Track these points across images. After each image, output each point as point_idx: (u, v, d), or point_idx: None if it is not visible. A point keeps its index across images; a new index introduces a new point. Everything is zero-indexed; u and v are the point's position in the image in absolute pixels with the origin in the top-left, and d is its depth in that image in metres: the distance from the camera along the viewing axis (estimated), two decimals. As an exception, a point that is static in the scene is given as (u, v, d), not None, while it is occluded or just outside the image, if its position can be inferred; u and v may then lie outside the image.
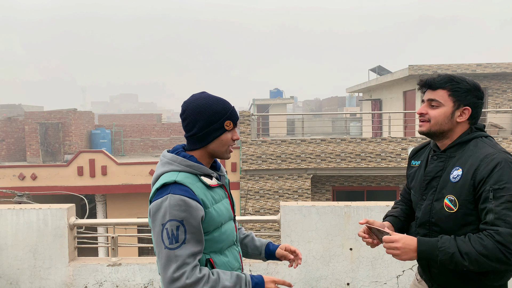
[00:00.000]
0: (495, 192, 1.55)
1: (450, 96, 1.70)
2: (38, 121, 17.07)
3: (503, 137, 11.97)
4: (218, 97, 1.61)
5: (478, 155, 1.64)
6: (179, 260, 1.41)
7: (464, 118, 1.71)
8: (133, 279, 3.51)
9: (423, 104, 1.78)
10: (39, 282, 3.50)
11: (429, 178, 1.76)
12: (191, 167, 1.53)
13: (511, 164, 1.58)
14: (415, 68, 13.59)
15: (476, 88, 1.72)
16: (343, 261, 3.43)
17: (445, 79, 1.71)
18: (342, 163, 12.12)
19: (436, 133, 1.74)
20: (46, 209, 3.48)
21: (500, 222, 1.52)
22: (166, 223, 1.42)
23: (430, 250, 1.59)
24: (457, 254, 1.55)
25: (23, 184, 12.40)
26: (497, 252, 1.50)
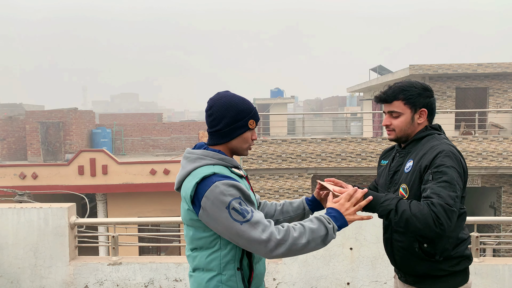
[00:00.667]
0: (434, 175, 1.72)
1: (405, 105, 1.89)
2: (39, 120, 17.08)
3: (503, 137, 11.96)
4: (243, 97, 1.69)
5: (425, 147, 1.84)
6: (261, 224, 1.49)
7: (423, 118, 1.91)
8: (134, 278, 3.52)
9: (385, 115, 1.96)
10: (40, 281, 3.50)
11: (391, 173, 1.97)
12: (223, 160, 1.62)
13: (452, 154, 1.75)
14: (416, 67, 13.58)
15: (425, 89, 1.90)
16: (343, 260, 3.43)
17: (396, 91, 1.89)
18: (342, 163, 12.12)
19: (403, 138, 1.94)
20: (47, 208, 3.48)
21: (434, 195, 1.67)
22: (229, 205, 1.48)
23: (373, 206, 1.74)
24: (393, 211, 1.70)
25: (24, 183, 12.42)
26: (429, 218, 1.62)
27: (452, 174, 1.69)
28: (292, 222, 1.89)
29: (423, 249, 1.80)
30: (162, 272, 3.51)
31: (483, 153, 11.86)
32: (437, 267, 1.80)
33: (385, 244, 2.00)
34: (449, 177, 1.69)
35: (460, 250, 1.82)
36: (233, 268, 1.57)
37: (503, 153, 11.83)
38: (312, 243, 1.52)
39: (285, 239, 1.48)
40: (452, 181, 1.68)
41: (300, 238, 1.51)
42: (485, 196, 14.15)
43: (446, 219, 1.62)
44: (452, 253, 1.80)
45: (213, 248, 1.58)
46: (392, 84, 1.95)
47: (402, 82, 1.92)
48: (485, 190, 13.82)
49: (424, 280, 1.85)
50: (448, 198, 1.64)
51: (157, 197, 12.94)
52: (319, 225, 1.55)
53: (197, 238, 1.60)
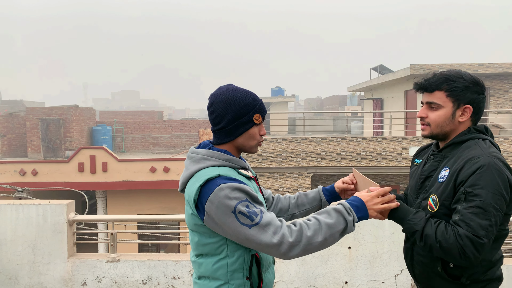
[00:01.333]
0: (468, 195, 1.50)
1: (448, 97, 1.63)
2: (39, 117, 17.09)
3: (504, 137, 11.95)
4: (246, 90, 1.56)
5: (464, 156, 1.58)
6: (271, 226, 1.38)
7: (466, 117, 1.65)
8: (132, 276, 3.52)
9: (422, 106, 1.72)
10: (38, 277, 3.50)
11: (423, 177, 1.74)
12: (229, 161, 1.50)
13: (495, 169, 1.51)
14: (417, 67, 13.57)
15: (474, 83, 1.64)
16: (342, 259, 3.43)
17: (440, 80, 1.64)
18: (342, 162, 12.12)
19: (439, 135, 1.69)
20: (45, 204, 3.48)
21: (463, 224, 1.48)
22: (235, 209, 1.38)
23: (400, 218, 1.59)
24: (418, 233, 1.55)
25: (24, 180, 12.43)
26: (454, 250, 1.47)
27: (488, 197, 1.46)
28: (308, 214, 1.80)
29: (447, 270, 1.61)
30: (160, 270, 3.51)
31: (483, 153, 11.85)
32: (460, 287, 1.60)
33: (404, 254, 1.83)
34: (483, 201, 1.46)
35: (491, 273, 1.61)
36: (241, 277, 1.47)
37: (503, 153, 11.83)
38: (329, 240, 1.41)
39: (298, 240, 1.37)
40: (486, 207, 1.45)
41: (315, 236, 1.39)
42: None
43: (474, 252, 1.45)
44: (482, 277, 1.59)
45: (220, 255, 1.47)
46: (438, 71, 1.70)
47: (450, 71, 1.65)
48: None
49: None
50: (479, 228, 1.44)
51: (157, 195, 12.95)
52: (337, 218, 1.43)
53: (202, 244, 1.49)
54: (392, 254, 3.40)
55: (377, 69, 18.87)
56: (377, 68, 18.95)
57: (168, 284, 3.50)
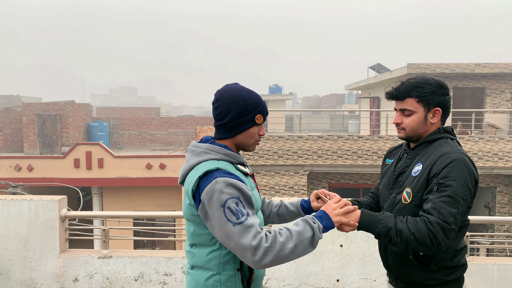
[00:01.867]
0: (440, 186, 1.63)
1: (419, 103, 1.76)
2: (35, 113, 17.03)
3: (499, 137, 11.99)
4: (251, 90, 1.63)
5: (437, 152, 1.72)
6: (253, 229, 1.43)
7: (437, 118, 1.79)
8: (124, 272, 3.52)
9: (396, 113, 1.84)
10: (30, 273, 3.50)
11: (396, 174, 1.87)
12: (229, 155, 1.56)
13: (464, 165, 1.65)
14: (414, 66, 13.58)
15: (440, 86, 1.78)
16: (333, 257, 3.44)
17: (409, 87, 1.77)
18: (338, 160, 12.14)
19: (413, 137, 1.83)
20: (37, 200, 3.47)
21: (434, 212, 1.60)
22: (225, 203, 1.43)
23: (371, 222, 1.67)
24: (393, 230, 1.63)
25: (19, 176, 12.39)
26: (427, 238, 1.58)
27: (458, 188, 1.61)
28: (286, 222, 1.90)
29: (418, 258, 1.73)
30: (152, 266, 3.51)
31: (478, 153, 11.89)
32: (431, 276, 1.73)
33: (379, 246, 1.94)
34: (454, 191, 1.60)
35: (457, 260, 1.75)
36: (232, 268, 1.52)
37: (499, 153, 11.87)
38: (300, 246, 1.47)
39: (273, 245, 1.43)
40: (456, 197, 1.60)
41: (287, 243, 1.45)
42: (480, 196, 14.19)
43: (444, 237, 1.58)
44: (448, 264, 1.73)
45: (213, 246, 1.53)
46: (405, 79, 1.83)
47: (416, 78, 1.79)
48: (480, 190, 13.86)
49: (416, 287, 1.78)
50: (449, 215, 1.58)
51: (152, 192, 12.94)
52: (304, 226, 1.50)
53: (197, 234, 1.55)
54: (384, 253, 3.41)
55: (375, 68, 18.88)
56: (374, 67, 18.96)
57: (160, 281, 3.50)
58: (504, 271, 3.33)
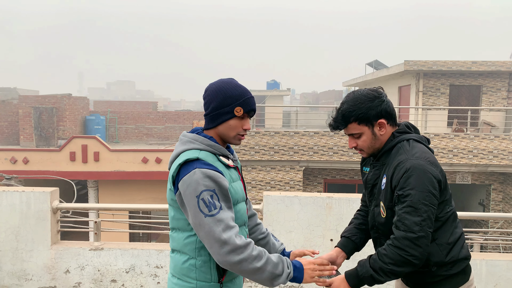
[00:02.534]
0: (400, 197, 1.66)
1: (360, 124, 1.77)
2: (32, 105, 16.97)
3: (494, 135, 12.04)
4: (239, 84, 1.65)
5: (394, 162, 1.74)
6: (223, 223, 1.47)
7: (385, 128, 1.80)
8: (115, 264, 3.53)
9: (349, 137, 1.86)
10: (21, 264, 3.51)
11: (370, 186, 1.89)
12: (211, 146, 1.60)
13: (419, 170, 1.65)
14: (411, 63, 13.59)
15: (371, 99, 1.76)
16: (324, 251, 3.45)
17: (345, 115, 1.77)
18: (334, 156, 12.17)
19: (375, 152, 1.85)
20: (29, 192, 3.48)
21: (399, 224, 1.64)
22: (200, 194, 1.47)
23: (358, 281, 1.72)
24: (374, 274, 1.67)
25: (15, 168, 12.38)
26: (398, 257, 1.62)
27: (416, 196, 1.62)
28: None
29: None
30: (143, 259, 3.52)
31: (474, 150, 11.94)
32: (433, 274, 1.74)
33: (374, 243, 1.96)
34: (412, 200, 1.62)
35: (455, 254, 1.74)
36: (207, 254, 1.55)
37: (494, 151, 11.92)
38: (264, 273, 1.49)
39: (243, 249, 1.46)
40: (415, 205, 1.62)
41: (256, 260, 1.48)
42: (474, 193, 14.27)
43: (415, 248, 1.60)
44: (446, 259, 1.73)
45: (190, 231, 1.57)
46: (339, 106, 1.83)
47: (348, 102, 1.78)
48: (474, 187, 13.93)
49: (424, 286, 1.80)
50: (413, 225, 1.60)
51: (148, 185, 12.95)
52: (279, 262, 1.53)
53: (176, 218, 1.61)
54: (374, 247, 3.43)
55: (372, 65, 18.88)
56: (372, 64, 18.96)
57: (151, 273, 3.52)
58: (492, 266, 3.36)
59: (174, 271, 1.63)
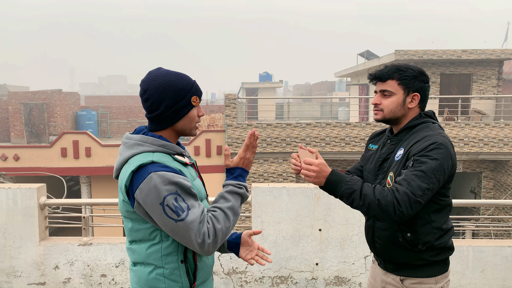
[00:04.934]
0: (415, 162, 1.66)
1: (399, 85, 1.80)
2: (22, 102, 16.80)
3: (485, 123, 12.12)
4: (179, 72, 1.53)
5: (418, 136, 1.77)
6: (195, 226, 1.39)
7: (415, 103, 1.83)
8: (104, 259, 3.53)
9: (376, 94, 1.87)
10: (10, 261, 3.50)
11: (381, 160, 1.88)
12: (164, 146, 1.47)
13: (444, 146, 1.68)
14: (401, 53, 13.61)
15: (421, 73, 1.83)
16: (312, 241, 3.48)
17: (392, 70, 1.81)
18: (326, 147, 12.20)
19: (391, 120, 1.85)
20: (15, 188, 3.45)
21: (404, 183, 1.63)
22: (163, 201, 1.36)
23: (338, 181, 1.68)
24: (357, 192, 1.66)
25: (6, 165, 12.28)
26: (390, 205, 1.60)
27: (433, 165, 1.63)
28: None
29: (406, 239, 1.76)
30: (133, 253, 3.52)
31: (464, 138, 12.03)
32: (418, 256, 1.77)
33: (366, 231, 1.96)
34: (428, 167, 1.63)
35: (444, 241, 1.79)
36: (176, 261, 1.46)
37: (484, 139, 12.01)
38: (235, 217, 1.49)
39: (214, 236, 1.42)
40: (428, 173, 1.62)
41: (225, 224, 1.45)
42: (466, 181, 14.40)
43: (408, 207, 1.60)
44: (436, 244, 1.76)
45: (153, 240, 1.46)
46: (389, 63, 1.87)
47: (400, 63, 1.84)
48: (466, 175, 14.06)
49: (403, 268, 1.83)
50: (417, 188, 1.60)
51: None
52: (232, 197, 1.51)
53: (135, 230, 1.48)
54: (362, 236, 3.45)
55: (364, 55, 18.88)
56: (363, 54, 18.96)
57: (141, 267, 3.52)
58: (479, 252, 3.40)
59: (139, 285, 1.50)
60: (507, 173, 12.71)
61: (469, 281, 3.40)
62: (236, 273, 3.52)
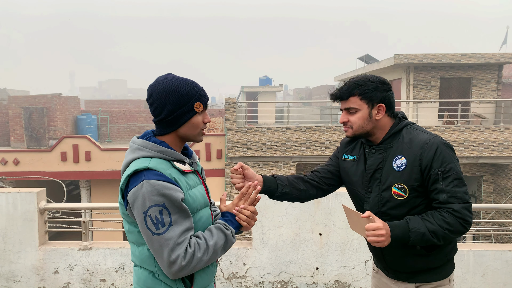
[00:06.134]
0: (443, 174, 1.69)
1: (362, 100, 1.79)
2: (22, 106, 16.81)
3: (485, 127, 12.13)
4: (185, 78, 1.54)
5: (417, 142, 1.75)
6: (171, 243, 1.38)
7: (381, 114, 1.81)
8: (104, 263, 3.52)
9: (342, 112, 1.86)
10: (9, 265, 3.49)
11: (371, 171, 1.83)
12: (163, 152, 1.48)
13: (445, 146, 1.74)
14: (401, 57, 13.63)
15: (381, 83, 1.81)
16: (313, 246, 3.47)
17: (351, 86, 1.80)
18: (327, 151, 12.19)
19: (362, 135, 1.84)
20: (15, 193, 3.45)
21: (453, 200, 1.68)
22: (147, 211, 1.37)
23: (403, 234, 1.67)
24: (427, 234, 1.67)
25: (6, 169, 12.27)
26: (459, 226, 1.67)
27: (457, 167, 1.70)
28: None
29: (426, 247, 1.77)
30: (132, 257, 3.51)
31: (464, 142, 12.03)
32: (433, 259, 1.79)
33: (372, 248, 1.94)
34: (456, 172, 1.69)
35: (453, 245, 1.85)
36: None
37: (484, 142, 12.01)
38: (213, 256, 1.47)
39: (189, 262, 1.40)
40: (459, 176, 1.70)
41: (203, 256, 1.44)
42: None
43: (469, 216, 1.68)
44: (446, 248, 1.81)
45: (146, 245, 1.47)
46: (348, 80, 1.85)
47: (358, 77, 1.82)
48: (466, 179, 14.04)
49: (418, 275, 1.81)
50: (464, 195, 1.68)
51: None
52: (218, 234, 1.49)
53: (130, 232, 1.51)
54: (362, 241, 3.45)
55: (363, 59, 18.91)
56: (363, 58, 18.99)
57: (140, 272, 3.51)
58: (479, 256, 3.39)
59: (138, 285, 1.52)
60: (507, 177, 12.70)
61: (469, 286, 3.38)
62: (236, 277, 3.51)
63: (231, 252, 3.51)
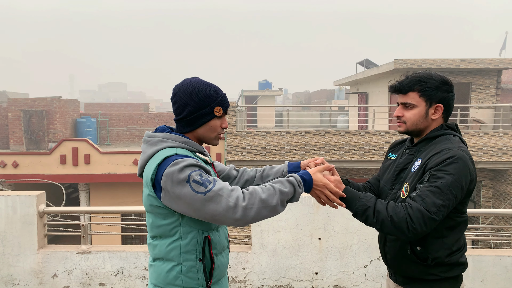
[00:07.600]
0: (432, 177, 1.62)
1: (421, 97, 1.75)
2: (21, 108, 16.81)
3: (484, 132, 12.15)
4: (210, 83, 1.60)
5: (437, 148, 1.72)
6: (224, 192, 1.42)
7: (438, 114, 1.77)
8: (103, 267, 3.51)
9: (398, 106, 1.83)
10: (8, 269, 3.48)
11: (398, 170, 1.85)
12: (186, 143, 1.55)
13: (462, 161, 1.63)
14: (400, 62, 13.67)
15: (444, 83, 1.76)
16: (312, 250, 3.47)
17: (413, 81, 1.76)
18: (326, 155, 12.20)
19: (414, 132, 1.81)
20: (14, 196, 3.45)
21: (418, 199, 1.60)
22: (189, 177, 1.41)
23: (352, 198, 1.69)
24: (370, 209, 1.65)
25: (5, 172, 12.25)
26: (403, 222, 1.58)
27: (449, 181, 1.58)
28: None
29: (416, 252, 1.72)
30: (131, 261, 3.51)
31: (463, 147, 12.03)
32: (428, 271, 1.72)
33: (379, 241, 1.93)
34: (443, 183, 1.58)
35: (455, 258, 1.73)
36: (194, 258, 1.51)
37: (483, 148, 12.03)
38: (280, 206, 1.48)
39: (252, 202, 1.42)
40: (444, 189, 1.58)
41: (270, 199, 1.45)
42: (465, 190, 14.35)
43: (422, 224, 1.56)
44: (446, 260, 1.71)
45: (173, 237, 1.51)
46: (410, 73, 1.81)
47: (421, 73, 1.77)
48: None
49: (412, 282, 1.77)
50: (432, 205, 1.57)
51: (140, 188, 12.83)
52: (290, 188, 1.51)
53: (156, 226, 1.53)
54: (362, 246, 3.45)
55: (363, 63, 18.96)
56: (363, 62, 19.03)
57: (139, 275, 3.51)
58: (478, 262, 3.39)
59: (158, 281, 1.55)
60: (506, 182, 12.71)
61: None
62: (236, 282, 3.50)
63: (231, 256, 3.50)
